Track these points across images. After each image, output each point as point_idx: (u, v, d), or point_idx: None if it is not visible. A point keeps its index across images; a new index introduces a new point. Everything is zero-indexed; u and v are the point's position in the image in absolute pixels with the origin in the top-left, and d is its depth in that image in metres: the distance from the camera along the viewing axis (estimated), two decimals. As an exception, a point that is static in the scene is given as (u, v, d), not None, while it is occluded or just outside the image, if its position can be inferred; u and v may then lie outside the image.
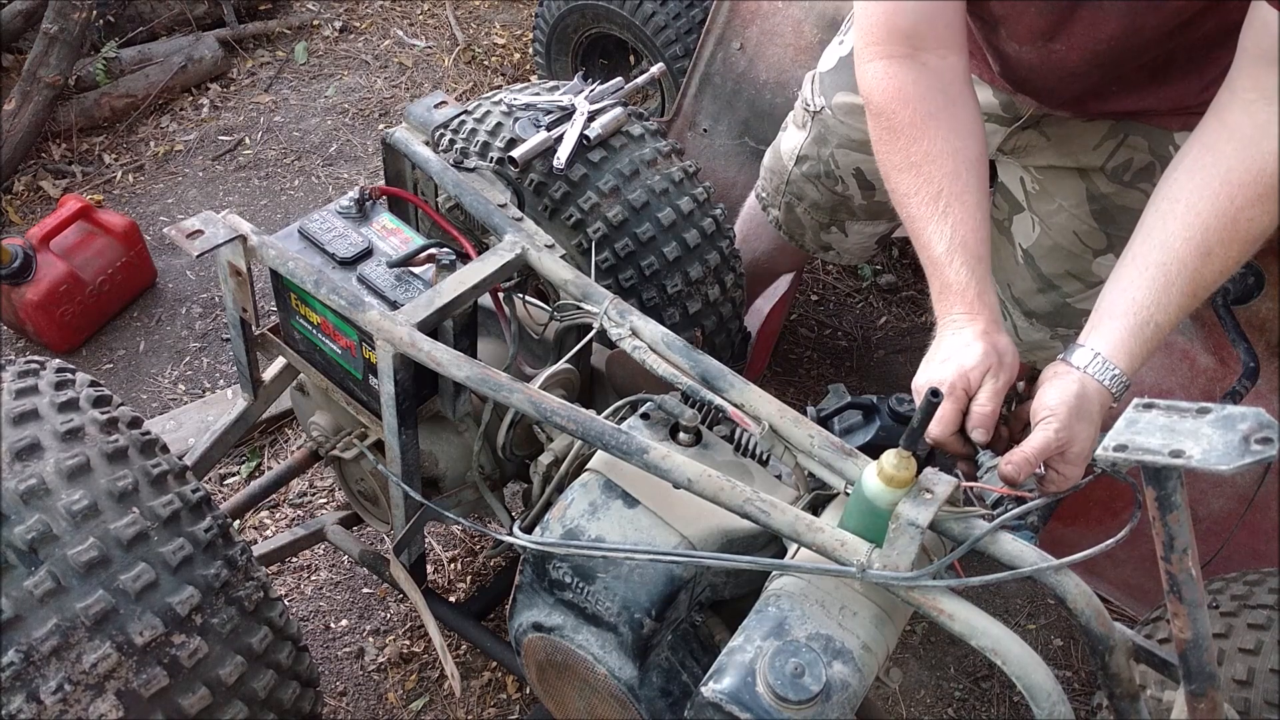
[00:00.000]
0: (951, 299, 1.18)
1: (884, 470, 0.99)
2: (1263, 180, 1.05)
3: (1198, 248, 1.07)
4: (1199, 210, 1.07)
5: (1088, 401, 1.08)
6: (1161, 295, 1.08)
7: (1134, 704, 1.04)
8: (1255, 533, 1.90)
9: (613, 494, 1.23)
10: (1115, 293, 1.11)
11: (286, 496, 2.24)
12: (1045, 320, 1.73)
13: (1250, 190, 1.05)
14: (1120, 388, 1.09)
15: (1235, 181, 1.06)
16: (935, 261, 1.19)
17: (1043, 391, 1.10)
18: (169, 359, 2.55)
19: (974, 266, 1.17)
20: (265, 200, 3.04)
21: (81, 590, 1.06)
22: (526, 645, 1.32)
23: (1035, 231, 1.64)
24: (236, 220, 1.39)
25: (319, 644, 2.00)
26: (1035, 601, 2.21)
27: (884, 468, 0.99)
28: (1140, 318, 1.08)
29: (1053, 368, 1.12)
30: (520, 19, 3.93)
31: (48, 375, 1.26)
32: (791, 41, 2.40)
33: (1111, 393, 1.10)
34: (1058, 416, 1.07)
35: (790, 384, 2.65)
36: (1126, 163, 1.48)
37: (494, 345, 1.59)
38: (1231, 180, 1.06)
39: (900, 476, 0.99)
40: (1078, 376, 1.09)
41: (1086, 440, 1.09)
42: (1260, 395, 1.86)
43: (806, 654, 1.00)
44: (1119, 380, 1.09)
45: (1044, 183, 1.59)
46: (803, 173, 1.86)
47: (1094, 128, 1.48)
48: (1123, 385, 1.09)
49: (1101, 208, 1.54)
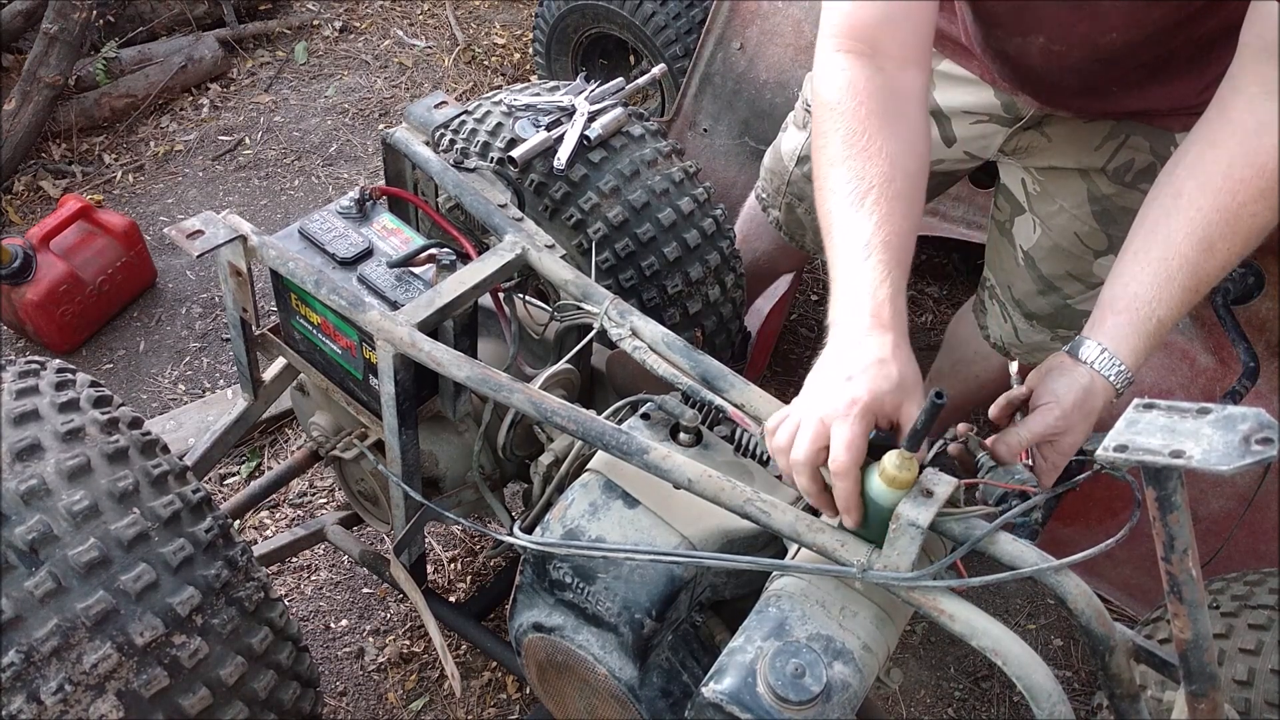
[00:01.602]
0: (859, 300, 1.03)
1: (886, 471, 0.98)
2: (1265, 175, 1.05)
3: (1199, 243, 1.06)
4: (1200, 205, 1.07)
5: (1093, 396, 1.08)
6: (1163, 290, 1.07)
7: (1134, 704, 1.04)
8: (1255, 533, 1.91)
9: (613, 494, 1.23)
10: (1117, 287, 1.11)
11: (286, 496, 2.24)
12: (1046, 322, 1.72)
13: (1252, 185, 1.05)
14: (1124, 383, 1.09)
15: (1237, 177, 1.06)
16: (849, 256, 1.07)
17: (1049, 380, 1.10)
18: (169, 359, 2.55)
19: (892, 270, 1.04)
20: (265, 200, 3.04)
21: (82, 591, 1.06)
22: (527, 645, 1.32)
23: (1036, 233, 1.64)
24: (236, 220, 1.39)
25: (319, 644, 2.00)
26: (1035, 601, 2.21)
27: (886, 469, 0.98)
28: (1143, 313, 1.08)
29: (1057, 358, 1.12)
30: (520, 19, 3.92)
31: (48, 375, 1.26)
32: (791, 41, 2.40)
33: (1115, 388, 1.09)
34: (1061, 405, 1.07)
35: (790, 384, 2.64)
36: (1128, 163, 1.48)
37: (494, 345, 1.59)
38: (1233, 175, 1.06)
39: (902, 477, 0.97)
40: (1085, 371, 1.09)
41: (1081, 434, 1.10)
42: (1260, 395, 1.86)
43: (807, 654, 1.00)
44: (1123, 375, 1.09)
45: (1045, 184, 1.59)
46: (804, 173, 1.86)
47: (1095, 128, 1.48)
48: (1126, 380, 1.09)
49: (1103, 209, 1.54)
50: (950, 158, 1.65)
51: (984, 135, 1.58)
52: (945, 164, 1.68)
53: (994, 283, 1.79)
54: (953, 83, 1.55)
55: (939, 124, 1.60)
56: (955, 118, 1.58)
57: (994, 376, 1.92)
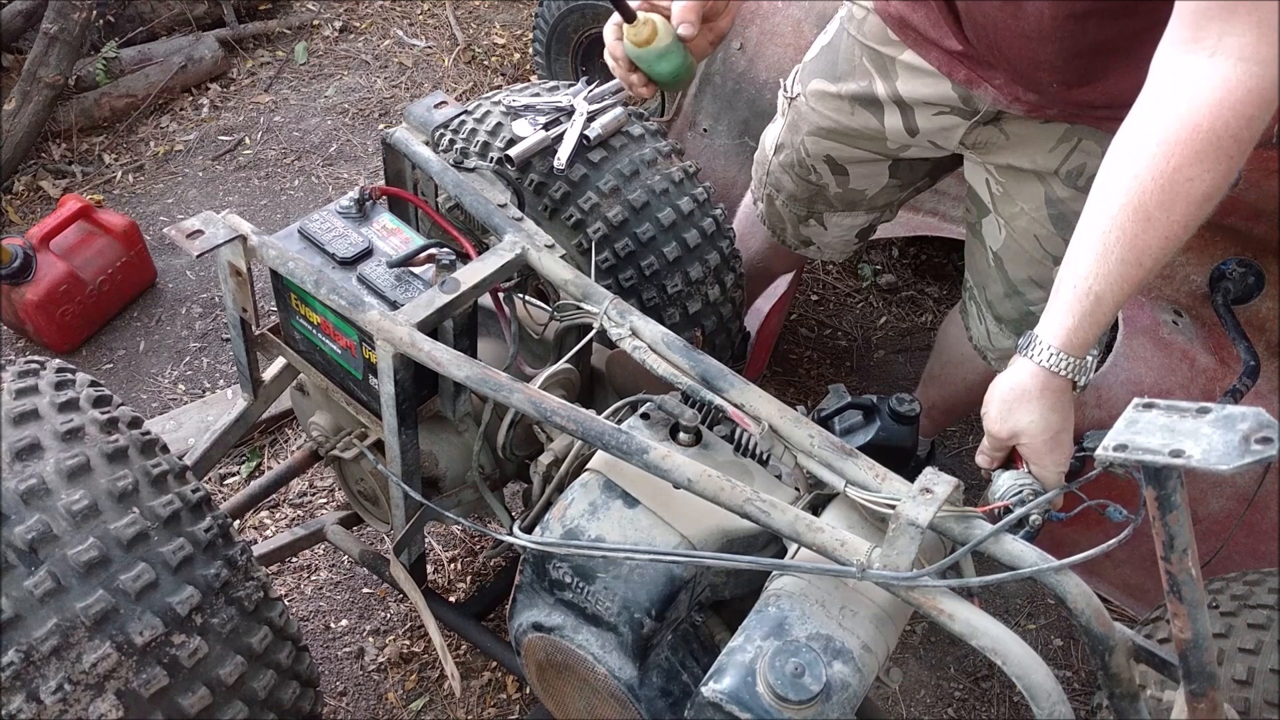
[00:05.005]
0: None
1: (627, 41, 1.24)
2: (1198, 136, 0.97)
3: (1134, 212, 1.01)
4: (1135, 173, 1.01)
5: (1022, 388, 1.06)
6: (1099, 264, 1.03)
7: (1134, 704, 1.04)
8: (1255, 533, 1.91)
9: (613, 494, 1.23)
10: (1063, 266, 1.08)
11: (286, 496, 2.24)
12: (1012, 327, 1.72)
13: (1186, 148, 0.98)
14: (1063, 363, 1.05)
15: (1171, 140, 0.99)
16: None
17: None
18: (169, 359, 2.55)
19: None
20: (265, 200, 3.04)
21: (81, 590, 1.06)
22: (526, 645, 1.32)
23: (1002, 234, 1.64)
24: (236, 220, 1.39)
25: (319, 644, 2.00)
26: (1035, 601, 2.21)
27: (626, 40, 1.25)
28: (1078, 289, 1.04)
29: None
30: (520, 19, 3.93)
31: (48, 375, 1.26)
32: (791, 41, 2.40)
33: (1052, 371, 1.06)
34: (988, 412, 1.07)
35: (790, 384, 2.64)
36: (1080, 168, 1.48)
37: (494, 345, 1.59)
38: (1167, 139, 0.99)
39: (640, 36, 1.22)
40: (1017, 362, 1.08)
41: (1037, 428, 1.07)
42: (1260, 395, 1.86)
43: (807, 654, 1.00)
44: (1058, 358, 1.05)
45: (1006, 185, 1.59)
46: (780, 162, 1.86)
47: (1049, 130, 1.48)
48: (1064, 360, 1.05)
49: (1059, 212, 1.53)
50: (916, 144, 1.66)
51: (945, 127, 1.58)
52: (913, 150, 1.69)
53: (971, 284, 1.80)
54: (914, 73, 1.56)
55: (903, 114, 1.61)
56: (918, 108, 1.59)
57: (982, 379, 1.91)
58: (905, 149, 1.69)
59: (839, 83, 1.67)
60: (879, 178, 1.80)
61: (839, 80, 1.67)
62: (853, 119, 1.68)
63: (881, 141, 1.68)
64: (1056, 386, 1.07)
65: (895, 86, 1.59)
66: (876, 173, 1.79)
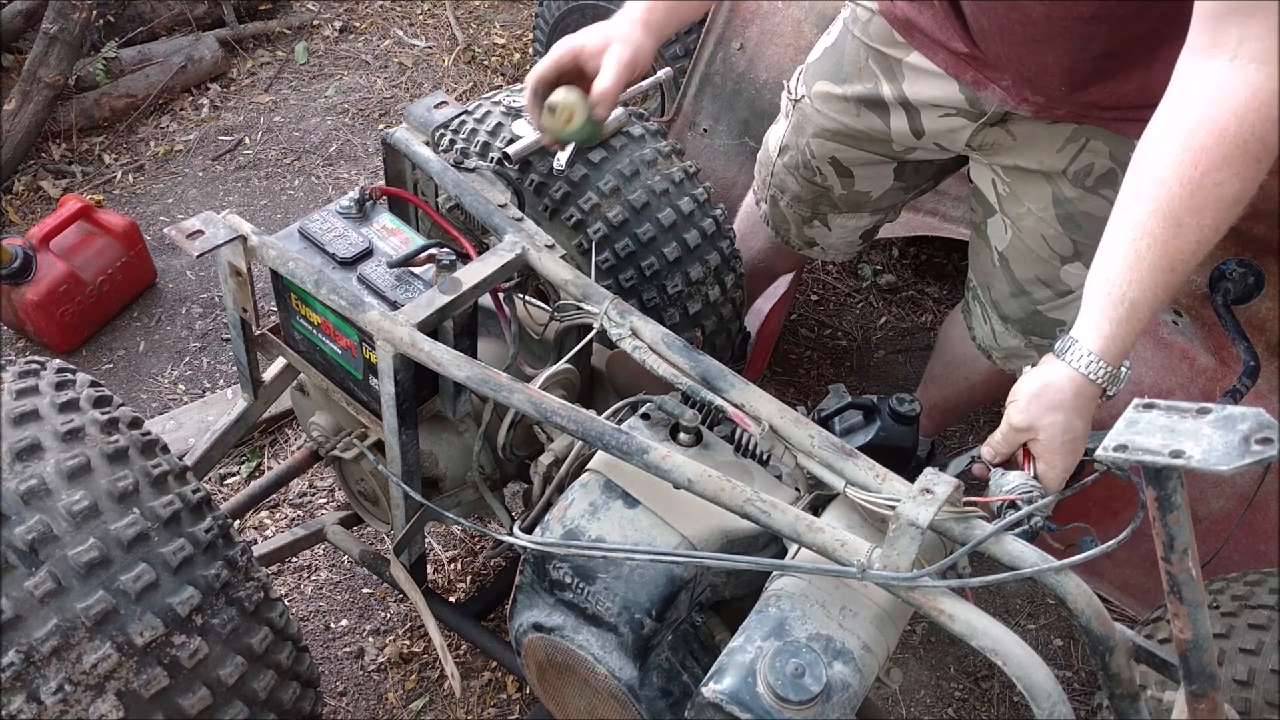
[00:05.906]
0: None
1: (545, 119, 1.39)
2: (1225, 141, 0.98)
3: (1165, 219, 1.02)
4: (1164, 180, 1.02)
5: (1055, 389, 1.06)
6: (1132, 271, 1.03)
7: (1134, 704, 1.04)
8: (1255, 533, 1.90)
9: (613, 494, 1.23)
10: (1093, 274, 1.08)
11: (286, 496, 2.24)
12: (1019, 326, 1.72)
13: (1214, 153, 0.99)
14: (1099, 371, 1.06)
15: (1197, 146, 1.00)
16: None
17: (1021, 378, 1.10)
18: (169, 359, 2.55)
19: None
20: (265, 200, 3.04)
21: (82, 590, 1.06)
22: (527, 645, 1.32)
23: (1008, 234, 1.64)
24: (236, 220, 1.39)
25: (319, 644, 2.00)
26: (1035, 601, 2.21)
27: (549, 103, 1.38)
28: (1113, 296, 1.05)
29: (1044, 357, 1.12)
30: (520, 19, 3.93)
31: (48, 375, 1.26)
32: (791, 41, 2.39)
33: (1087, 378, 1.06)
34: (1017, 399, 1.06)
35: (790, 384, 2.65)
36: (1088, 168, 1.48)
37: (494, 345, 1.59)
38: (1194, 145, 1.00)
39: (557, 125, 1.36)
40: (1051, 362, 1.08)
41: (1058, 429, 1.07)
42: (1260, 395, 1.86)
43: (807, 654, 1.00)
44: (1095, 364, 1.06)
45: (1013, 185, 1.59)
46: (784, 163, 1.86)
47: (1057, 131, 1.48)
48: (1101, 368, 1.06)
49: (1066, 213, 1.54)
50: (922, 147, 1.66)
51: (951, 129, 1.58)
52: (918, 152, 1.69)
53: (975, 284, 1.80)
54: (921, 75, 1.56)
55: (909, 116, 1.61)
56: (924, 110, 1.59)
57: (984, 379, 1.92)
58: (911, 151, 1.69)
59: (844, 85, 1.67)
60: (884, 180, 1.80)
61: (844, 82, 1.67)
62: (858, 121, 1.68)
63: (887, 144, 1.68)
64: (1089, 393, 1.07)
65: (901, 88, 1.59)
66: (882, 175, 1.79)
